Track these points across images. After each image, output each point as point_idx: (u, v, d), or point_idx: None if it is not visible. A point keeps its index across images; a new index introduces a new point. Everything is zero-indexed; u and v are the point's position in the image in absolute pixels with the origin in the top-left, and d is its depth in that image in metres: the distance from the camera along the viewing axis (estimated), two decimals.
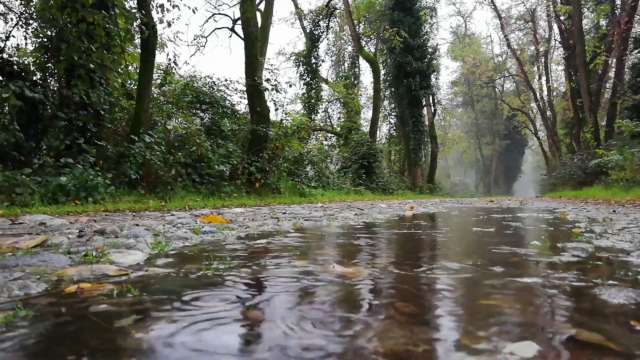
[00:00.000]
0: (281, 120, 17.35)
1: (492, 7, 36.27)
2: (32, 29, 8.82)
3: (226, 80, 14.95)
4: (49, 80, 8.18)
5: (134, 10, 9.28)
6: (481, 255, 1.95)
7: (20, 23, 8.76)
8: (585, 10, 25.09)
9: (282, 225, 3.67)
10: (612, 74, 24.41)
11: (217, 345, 0.83)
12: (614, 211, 5.77)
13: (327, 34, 29.46)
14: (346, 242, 2.60)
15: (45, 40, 7.94)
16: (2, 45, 8.15)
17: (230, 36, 29.16)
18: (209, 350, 0.80)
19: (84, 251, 1.90)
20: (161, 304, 1.13)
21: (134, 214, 5.32)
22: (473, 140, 55.79)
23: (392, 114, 31.56)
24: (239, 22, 17.06)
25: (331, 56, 32.06)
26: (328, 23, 28.71)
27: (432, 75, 29.92)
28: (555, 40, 34.10)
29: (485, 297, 1.20)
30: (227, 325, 0.96)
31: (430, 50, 29.18)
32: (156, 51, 10.23)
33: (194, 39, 23.20)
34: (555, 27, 32.67)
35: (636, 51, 20.22)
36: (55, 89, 8.13)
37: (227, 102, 14.49)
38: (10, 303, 1.11)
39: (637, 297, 1.15)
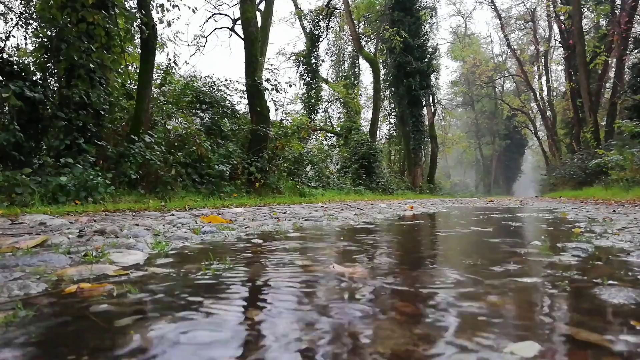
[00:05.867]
0: (281, 120, 17.32)
1: (492, 7, 36.32)
2: (32, 29, 8.82)
3: (226, 80, 14.96)
4: (49, 80, 8.17)
5: (134, 10, 9.27)
6: (481, 255, 1.95)
7: (20, 23, 8.76)
8: (585, 10, 25.07)
9: (282, 225, 3.67)
10: (612, 74, 24.42)
11: (218, 345, 0.83)
12: (614, 211, 5.77)
13: (327, 34, 29.50)
14: (346, 242, 2.60)
15: (45, 40, 7.94)
16: (2, 45, 8.15)
17: (230, 36, 29.17)
18: (210, 350, 0.80)
19: (84, 251, 1.90)
20: (161, 303, 1.13)
21: (134, 213, 5.32)
22: (473, 140, 55.81)
23: (392, 114, 31.56)
24: (239, 22, 17.06)
25: (331, 56, 32.12)
26: (328, 23, 28.71)
27: (432, 75, 29.94)
28: (555, 40, 34.13)
29: (485, 297, 1.20)
30: (227, 324, 0.96)
31: (430, 50, 29.18)
32: (156, 51, 10.22)
33: (194, 39, 23.17)
34: (555, 27, 32.69)
35: (636, 51, 20.20)
36: (55, 89, 8.12)
37: (227, 102, 14.48)
38: (10, 303, 1.11)
39: (637, 297, 1.15)
